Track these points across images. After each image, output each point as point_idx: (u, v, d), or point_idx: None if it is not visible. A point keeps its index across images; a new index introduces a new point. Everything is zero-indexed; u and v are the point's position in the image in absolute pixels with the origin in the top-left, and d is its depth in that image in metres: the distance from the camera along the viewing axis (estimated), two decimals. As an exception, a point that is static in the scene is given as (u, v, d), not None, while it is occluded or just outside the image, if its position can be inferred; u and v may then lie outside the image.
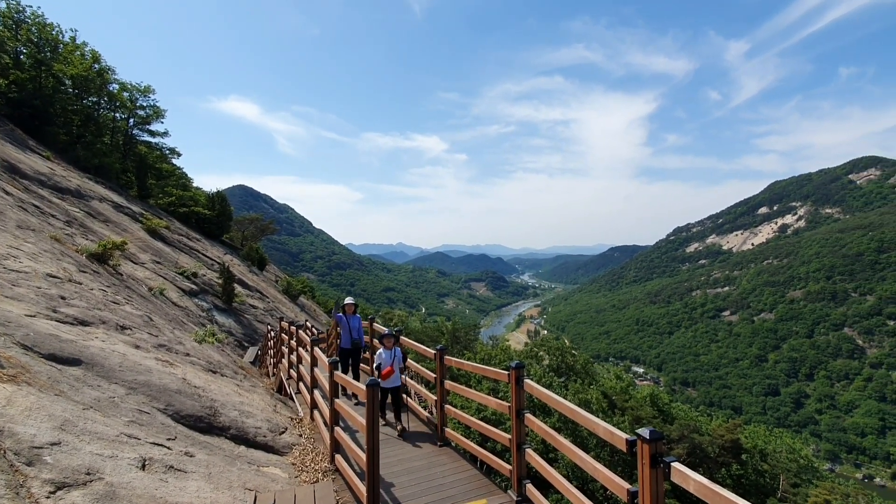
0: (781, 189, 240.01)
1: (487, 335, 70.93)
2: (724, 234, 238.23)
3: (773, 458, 25.53)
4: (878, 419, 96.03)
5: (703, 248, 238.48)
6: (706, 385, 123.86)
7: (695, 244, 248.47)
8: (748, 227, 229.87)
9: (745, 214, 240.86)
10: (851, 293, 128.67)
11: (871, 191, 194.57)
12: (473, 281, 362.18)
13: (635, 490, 3.16)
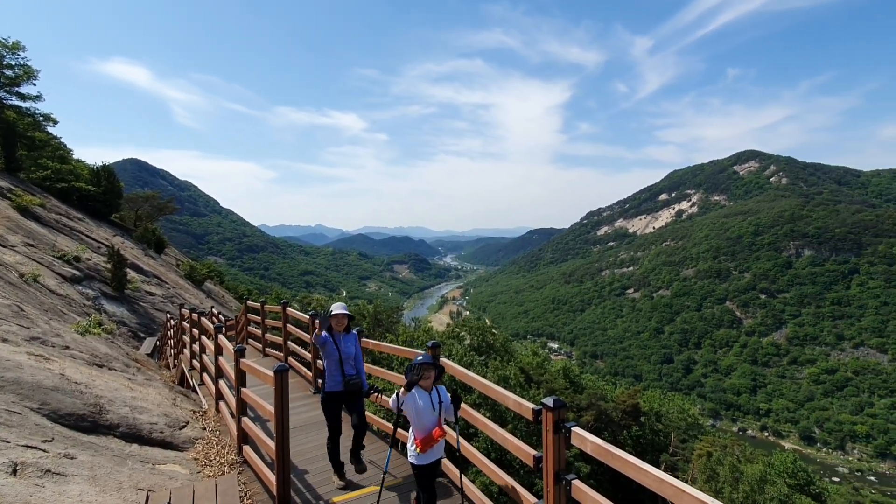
0: (679, 178, 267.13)
1: (410, 317, 71.72)
2: (630, 218, 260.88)
3: (667, 419, 28.89)
4: (751, 380, 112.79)
5: (612, 232, 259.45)
6: (612, 356, 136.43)
7: (605, 228, 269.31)
8: (650, 212, 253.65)
9: (648, 200, 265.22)
10: (732, 271, 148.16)
11: (751, 181, 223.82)
12: (396, 263, 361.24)
13: (540, 455, 3.39)
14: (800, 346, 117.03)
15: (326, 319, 5.36)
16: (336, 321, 5.40)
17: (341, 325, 5.44)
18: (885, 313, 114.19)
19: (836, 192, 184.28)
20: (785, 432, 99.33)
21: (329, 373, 5.41)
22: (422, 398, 4.16)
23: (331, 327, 5.41)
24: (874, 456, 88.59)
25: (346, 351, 5.40)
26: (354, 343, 5.54)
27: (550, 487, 3.34)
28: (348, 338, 5.51)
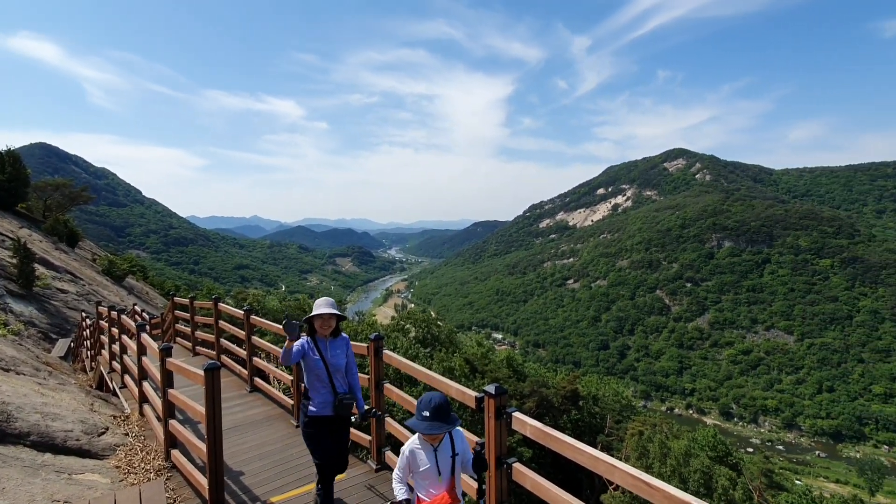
0: (615, 173, 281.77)
1: (354, 311, 70.67)
2: (571, 211, 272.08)
3: (603, 402, 30.61)
4: (678, 362, 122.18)
5: (554, 224, 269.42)
6: (554, 345, 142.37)
7: (547, 220, 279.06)
8: (589, 205, 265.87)
9: (587, 195, 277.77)
10: (662, 262, 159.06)
11: (679, 177, 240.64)
12: (339, 256, 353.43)
13: (482, 442, 3.51)
14: (720, 330, 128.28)
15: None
16: (321, 323, 4.10)
17: (328, 328, 4.13)
18: (792, 298, 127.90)
19: (752, 189, 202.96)
20: (707, 409, 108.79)
21: (313, 391, 4.12)
22: (426, 455, 2.91)
23: (313, 330, 4.14)
24: (782, 427, 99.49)
25: (334, 361, 4.15)
26: (346, 350, 4.29)
27: (492, 472, 3.49)
28: (337, 343, 4.24)
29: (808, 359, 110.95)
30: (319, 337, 4.17)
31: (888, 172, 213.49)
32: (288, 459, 5.79)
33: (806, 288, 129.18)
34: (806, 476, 72.32)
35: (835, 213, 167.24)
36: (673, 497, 2.20)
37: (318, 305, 4.19)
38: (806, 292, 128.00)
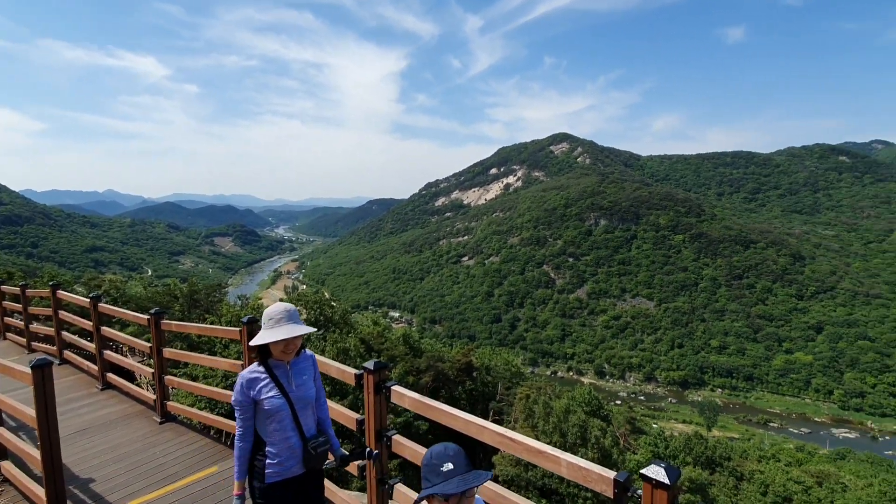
0: (506, 154, 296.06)
1: (236, 295, 65.53)
2: (465, 190, 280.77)
3: (495, 371, 32.64)
4: (561, 330, 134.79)
5: (449, 203, 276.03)
6: (450, 320, 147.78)
7: (442, 199, 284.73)
8: (483, 184, 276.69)
9: (481, 174, 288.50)
10: (549, 238, 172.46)
11: (563, 160, 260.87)
12: (218, 236, 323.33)
13: (362, 418, 3.51)
14: (596, 300, 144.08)
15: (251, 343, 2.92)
16: (282, 348, 2.81)
17: (292, 351, 2.86)
18: (653, 270, 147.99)
19: (624, 173, 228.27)
20: (584, 370, 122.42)
21: (270, 442, 2.83)
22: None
23: (265, 355, 2.87)
24: (643, 380, 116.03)
25: (301, 393, 2.92)
26: (313, 372, 3.08)
27: (373, 446, 3.55)
28: (302, 366, 3.01)
29: (664, 321, 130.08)
30: (276, 362, 2.87)
31: (727, 161, 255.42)
32: (151, 459, 5.22)
33: (664, 260, 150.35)
34: (661, 420, 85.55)
35: (687, 195, 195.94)
36: (531, 448, 2.60)
37: (275, 322, 2.77)
38: (664, 264, 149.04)
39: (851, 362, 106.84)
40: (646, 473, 2.17)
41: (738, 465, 25.94)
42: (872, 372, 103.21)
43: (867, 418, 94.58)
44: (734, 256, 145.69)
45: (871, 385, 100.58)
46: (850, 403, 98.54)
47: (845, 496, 22.19)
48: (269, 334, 2.73)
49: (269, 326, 2.77)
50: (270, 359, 2.87)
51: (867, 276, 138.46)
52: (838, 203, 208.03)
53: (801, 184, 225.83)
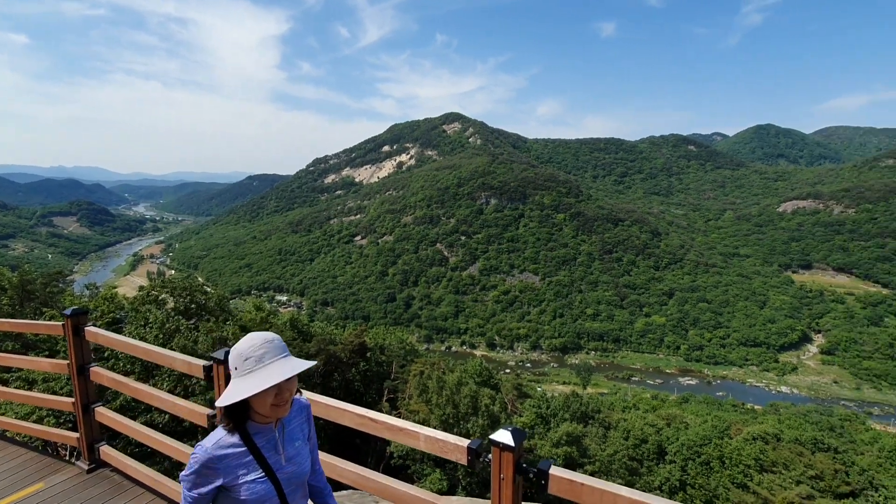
0: (399, 131, 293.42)
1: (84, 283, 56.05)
2: (357, 167, 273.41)
3: (389, 350, 32.55)
4: (454, 307, 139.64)
5: (340, 180, 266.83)
6: (343, 302, 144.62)
7: (332, 176, 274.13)
8: (375, 162, 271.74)
9: (373, 151, 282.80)
10: (442, 217, 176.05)
11: (456, 139, 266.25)
12: (58, 215, 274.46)
13: (213, 413, 3.03)
14: (487, 276, 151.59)
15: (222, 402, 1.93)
16: (272, 401, 1.94)
17: (286, 402, 1.99)
18: (538, 246, 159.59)
19: (512, 154, 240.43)
20: (477, 344, 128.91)
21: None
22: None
23: (242, 418, 1.99)
24: (530, 349, 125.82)
25: (295, 469, 2.10)
26: (308, 430, 2.27)
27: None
28: (294, 425, 2.20)
29: (548, 293, 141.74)
30: (259, 426, 2.00)
31: (601, 147, 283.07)
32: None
33: (547, 237, 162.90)
34: (544, 383, 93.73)
35: (567, 177, 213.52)
36: (391, 426, 2.76)
37: (255, 363, 1.90)
38: (547, 241, 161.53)
39: (694, 321, 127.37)
40: (494, 438, 2.36)
41: (606, 417, 29.36)
42: (709, 328, 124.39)
43: (704, 367, 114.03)
44: (606, 233, 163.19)
45: (708, 339, 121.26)
46: (693, 356, 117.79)
47: (687, 432, 26.42)
48: (250, 383, 1.85)
49: (248, 369, 1.87)
50: (250, 421, 1.97)
51: (706, 248, 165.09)
52: (687, 186, 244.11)
53: (659, 169, 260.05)
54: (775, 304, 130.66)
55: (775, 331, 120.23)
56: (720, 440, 24.15)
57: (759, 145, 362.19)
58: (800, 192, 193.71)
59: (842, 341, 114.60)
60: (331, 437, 19.85)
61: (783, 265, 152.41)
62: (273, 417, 1.98)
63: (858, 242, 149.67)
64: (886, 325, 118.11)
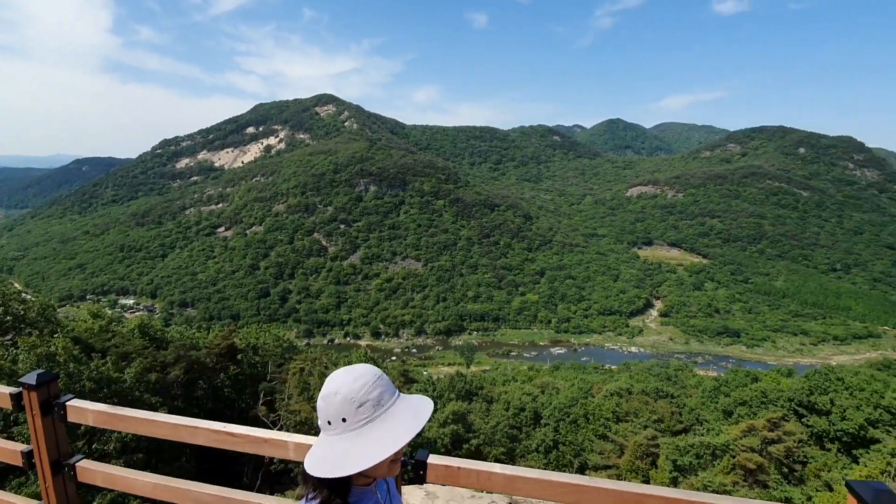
0: (265, 112, 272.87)
1: None
2: (216, 150, 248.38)
3: (264, 350, 30.50)
4: (336, 298, 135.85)
5: (196, 165, 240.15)
6: (206, 301, 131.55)
7: (186, 160, 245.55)
8: (238, 145, 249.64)
9: (235, 132, 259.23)
10: (318, 205, 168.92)
11: (330, 123, 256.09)
12: None
13: (30, 449, 2.71)
14: (369, 264, 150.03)
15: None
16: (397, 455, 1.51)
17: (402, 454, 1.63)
18: (420, 233, 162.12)
19: (391, 140, 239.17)
20: (361, 334, 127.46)
21: None
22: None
23: (345, 489, 1.55)
24: (415, 335, 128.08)
25: None
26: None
27: (49, 482, 2.79)
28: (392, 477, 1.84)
29: (431, 279, 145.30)
30: (364, 488, 1.62)
31: (476, 134, 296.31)
32: None
33: (428, 223, 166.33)
34: (430, 366, 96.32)
35: (446, 164, 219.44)
36: (255, 438, 2.54)
37: (373, 407, 1.52)
38: (428, 227, 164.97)
39: (562, 297, 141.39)
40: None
41: (489, 392, 31.30)
42: (574, 302, 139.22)
43: (572, 337, 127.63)
44: (484, 218, 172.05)
45: (574, 312, 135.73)
46: (562, 328, 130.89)
47: (558, 396, 29.40)
48: (376, 438, 1.45)
49: (366, 418, 1.48)
50: (354, 486, 1.58)
51: (571, 230, 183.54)
52: (553, 173, 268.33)
53: (530, 157, 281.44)
54: (626, 276, 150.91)
55: (626, 300, 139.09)
56: (585, 400, 27.22)
57: (611, 137, 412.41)
58: (643, 179, 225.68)
59: (674, 305, 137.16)
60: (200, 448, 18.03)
61: (631, 243, 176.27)
62: (381, 476, 1.61)
63: (685, 221, 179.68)
64: (706, 289, 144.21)
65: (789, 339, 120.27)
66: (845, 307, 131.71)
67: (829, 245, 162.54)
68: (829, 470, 17.66)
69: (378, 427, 1.45)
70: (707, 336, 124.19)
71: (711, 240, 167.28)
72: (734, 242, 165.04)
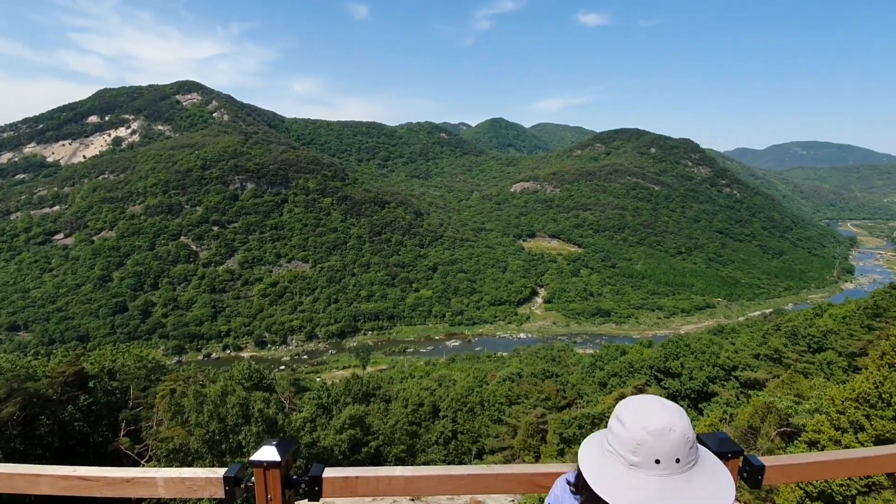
0: (112, 99, 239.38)
1: None
2: (49, 143, 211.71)
3: (124, 373, 26.96)
4: (211, 308, 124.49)
5: (22, 160, 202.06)
6: (44, 322, 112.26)
7: (8, 154, 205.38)
8: (77, 136, 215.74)
9: (74, 122, 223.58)
10: (185, 205, 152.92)
11: (196, 113, 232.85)
12: None
13: None
14: (250, 269, 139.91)
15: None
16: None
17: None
18: (306, 233, 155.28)
19: (269, 134, 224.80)
20: (243, 345, 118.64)
21: None
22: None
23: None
24: (305, 340, 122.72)
25: None
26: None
27: None
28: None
29: (320, 280, 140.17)
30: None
31: (363, 130, 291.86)
32: None
33: (315, 223, 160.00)
34: (324, 372, 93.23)
35: (332, 160, 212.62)
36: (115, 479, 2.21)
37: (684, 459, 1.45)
38: (316, 226, 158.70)
39: (455, 290, 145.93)
40: (256, 458, 2.05)
41: (387, 391, 31.24)
42: (467, 295, 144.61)
43: (466, 329, 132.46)
44: (374, 216, 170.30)
45: (466, 304, 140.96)
46: (456, 320, 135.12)
47: (455, 387, 30.40)
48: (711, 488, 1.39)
49: (692, 461, 1.41)
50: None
51: (461, 225, 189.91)
52: (442, 170, 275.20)
53: (418, 154, 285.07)
54: (513, 267, 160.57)
55: (514, 289, 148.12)
56: (480, 388, 28.48)
57: (495, 135, 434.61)
58: (525, 175, 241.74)
59: (556, 291, 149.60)
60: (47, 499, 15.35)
61: (516, 235, 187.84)
62: None
63: (563, 214, 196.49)
64: (582, 275, 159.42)
65: (649, 315, 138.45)
66: (689, 284, 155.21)
67: (676, 231, 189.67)
68: (683, 424, 20.62)
69: (702, 472, 1.40)
70: (584, 317, 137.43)
71: (585, 230, 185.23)
72: (603, 232, 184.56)
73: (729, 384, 26.80)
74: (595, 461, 1.47)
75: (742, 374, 27.05)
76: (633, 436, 1.37)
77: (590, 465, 1.47)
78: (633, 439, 1.37)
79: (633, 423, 1.39)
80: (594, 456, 1.49)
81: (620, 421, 1.43)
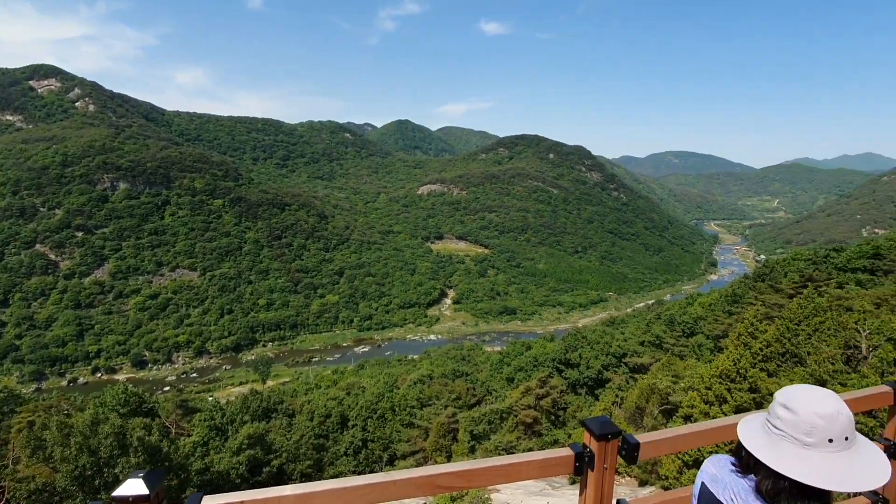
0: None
1: None
2: None
3: (-41, 408, 22.90)
4: (76, 325, 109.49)
5: None
6: None
7: None
8: None
9: None
10: (41, 208, 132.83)
11: (54, 102, 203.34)
12: None
13: None
14: (124, 280, 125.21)
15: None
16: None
17: None
18: (193, 237, 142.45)
19: (146, 127, 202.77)
20: (118, 366, 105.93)
21: None
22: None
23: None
24: (194, 357, 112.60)
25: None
26: None
27: None
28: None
29: (211, 290, 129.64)
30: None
31: (259, 127, 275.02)
32: None
33: (204, 226, 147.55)
34: (217, 390, 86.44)
35: (223, 158, 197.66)
36: None
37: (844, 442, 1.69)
38: (204, 230, 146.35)
39: (363, 295, 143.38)
40: (119, 494, 1.87)
41: (290, 405, 29.71)
42: (375, 299, 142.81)
43: (375, 333, 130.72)
44: (273, 219, 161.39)
45: (375, 309, 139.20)
46: (364, 325, 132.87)
47: (365, 395, 29.81)
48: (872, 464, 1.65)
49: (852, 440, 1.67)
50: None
51: (367, 227, 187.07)
52: (347, 171, 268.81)
53: (321, 154, 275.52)
54: (422, 269, 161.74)
55: (423, 292, 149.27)
56: (391, 393, 28.21)
57: (401, 137, 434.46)
58: (432, 177, 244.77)
59: (465, 292, 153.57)
60: None
61: (424, 237, 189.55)
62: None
63: (469, 216, 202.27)
64: (489, 275, 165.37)
65: (551, 311, 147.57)
66: (585, 280, 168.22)
67: (573, 232, 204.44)
68: (581, 410, 22.25)
69: (863, 447, 1.69)
70: (492, 316, 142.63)
71: (490, 232, 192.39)
72: (508, 233, 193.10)
73: (620, 370, 29.49)
74: (767, 445, 1.68)
75: (630, 360, 29.93)
76: (807, 419, 1.62)
77: (763, 448, 1.68)
78: (806, 422, 1.62)
79: (804, 409, 1.63)
80: (763, 441, 1.70)
81: (788, 408, 1.66)
